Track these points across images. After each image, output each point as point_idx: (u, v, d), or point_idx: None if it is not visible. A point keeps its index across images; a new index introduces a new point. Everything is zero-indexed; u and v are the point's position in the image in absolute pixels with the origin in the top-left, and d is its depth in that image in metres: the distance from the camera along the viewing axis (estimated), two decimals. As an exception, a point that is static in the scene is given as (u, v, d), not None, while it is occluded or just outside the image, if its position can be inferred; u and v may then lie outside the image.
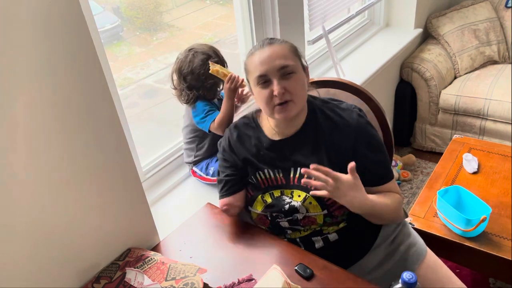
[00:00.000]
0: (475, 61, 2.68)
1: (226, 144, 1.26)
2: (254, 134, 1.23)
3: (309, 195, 1.15)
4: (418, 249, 1.28)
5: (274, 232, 1.25)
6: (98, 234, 1.09)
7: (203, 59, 1.41)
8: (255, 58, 1.12)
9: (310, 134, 1.18)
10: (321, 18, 2.04)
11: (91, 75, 0.96)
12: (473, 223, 1.41)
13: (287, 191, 1.19)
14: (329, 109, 1.20)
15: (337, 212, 1.17)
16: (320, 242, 1.22)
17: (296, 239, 1.24)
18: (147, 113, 1.83)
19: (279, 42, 1.14)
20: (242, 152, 1.23)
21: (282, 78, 1.10)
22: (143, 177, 1.52)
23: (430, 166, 2.68)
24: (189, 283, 0.99)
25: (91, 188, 1.04)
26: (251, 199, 1.23)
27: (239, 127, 1.26)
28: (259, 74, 1.10)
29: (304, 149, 1.18)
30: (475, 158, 1.80)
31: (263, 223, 1.25)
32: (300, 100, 1.13)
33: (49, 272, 1.00)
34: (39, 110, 0.88)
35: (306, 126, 1.19)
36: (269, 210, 1.21)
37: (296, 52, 1.16)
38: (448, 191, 1.56)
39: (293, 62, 1.11)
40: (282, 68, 1.09)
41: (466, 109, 2.51)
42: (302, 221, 1.19)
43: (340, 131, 1.16)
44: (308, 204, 1.16)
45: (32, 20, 0.82)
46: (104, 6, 1.56)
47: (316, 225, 1.19)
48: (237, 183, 1.25)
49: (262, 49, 1.12)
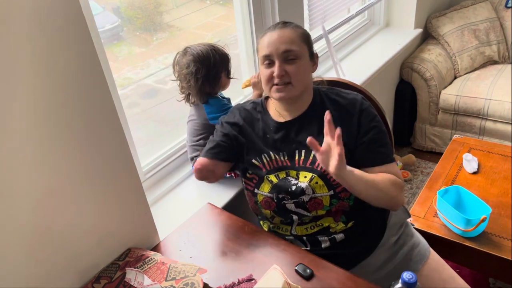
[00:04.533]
0: (475, 61, 2.69)
1: (233, 120, 1.29)
2: (261, 118, 1.28)
3: (315, 175, 1.18)
4: (422, 249, 1.28)
5: (279, 218, 1.25)
6: (98, 234, 1.09)
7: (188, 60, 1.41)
8: (265, 39, 1.20)
9: (316, 115, 1.22)
10: (321, 18, 2.04)
11: (91, 75, 0.96)
12: (473, 223, 1.41)
13: (293, 172, 1.21)
14: (334, 94, 1.26)
15: (342, 194, 1.18)
16: (327, 243, 1.22)
17: (303, 237, 1.24)
18: (147, 113, 1.82)
19: (291, 26, 1.20)
20: (249, 132, 1.27)
21: (285, 61, 1.17)
22: (143, 177, 1.52)
23: (430, 166, 2.68)
24: (189, 283, 0.99)
25: (91, 188, 1.04)
26: (257, 182, 1.25)
27: (248, 109, 1.31)
28: (264, 54, 1.18)
29: (310, 130, 1.22)
30: (475, 158, 1.80)
31: (268, 207, 1.24)
32: (299, 84, 1.18)
33: (49, 272, 1.00)
34: (38, 111, 0.88)
35: (312, 107, 1.24)
36: (276, 191, 1.21)
37: (307, 39, 1.21)
38: (448, 191, 1.56)
39: (298, 48, 1.17)
40: (286, 52, 1.16)
41: (466, 109, 2.51)
42: (308, 203, 1.19)
43: (345, 111, 1.21)
44: (314, 184, 1.18)
45: (32, 20, 0.82)
46: (104, 6, 1.56)
47: (323, 208, 1.19)
48: (226, 152, 1.27)
49: (273, 31, 1.19)
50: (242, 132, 1.28)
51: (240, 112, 1.31)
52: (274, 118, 1.26)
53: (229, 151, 1.28)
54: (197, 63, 1.40)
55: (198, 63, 1.40)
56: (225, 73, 1.48)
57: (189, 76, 1.42)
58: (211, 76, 1.43)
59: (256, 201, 1.26)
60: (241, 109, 1.32)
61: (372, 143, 1.19)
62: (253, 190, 1.26)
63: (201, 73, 1.41)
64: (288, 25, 1.20)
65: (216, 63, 1.43)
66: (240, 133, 1.28)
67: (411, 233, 1.32)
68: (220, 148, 1.27)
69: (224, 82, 1.50)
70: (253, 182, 1.26)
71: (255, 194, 1.26)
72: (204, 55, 1.41)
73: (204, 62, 1.41)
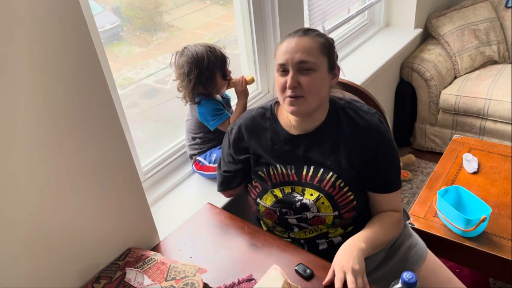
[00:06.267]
0: (475, 61, 2.68)
1: (236, 136, 1.25)
2: (270, 127, 1.22)
3: (322, 195, 1.15)
4: (419, 250, 1.28)
5: (280, 228, 1.25)
6: (98, 234, 1.09)
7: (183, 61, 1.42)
8: (282, 46, 1.12)
9: (330, 132, 1.17)
10: (321, 18, 2.04)
11: (91, 75, 0.96)
12: (473, 223, 1.41)
13: (298, 188, 1.18)
14: (351, 110, 1.19)
15: (346, 215, 1.17)
16: (325, 245, 1.23)
17: (300, 240, 1.24)
18: (147, 113, 1.83)
19: (312, 35, 1.12)
20: (255, 145, 1.22)
21: (299, 72, 1.09)
22: (143, 177, 1.52)
23: (430, 166, 2.68)
24: (189, 283, 0.99)
25: (91, 188, 1.04)
26: (260, 192, 1.22)
27: (255, 118, 1.24)
28: (279, 62, 1.11)
29: (322, 147, 1.17)
30: (475, 158, 1.80)
31: (270, 218, 1.24)
32: (313, 98, 1.10)
33: (49, 272, 1.00)
34: (38, 110, 0.88)
35: (327, 123, 1.18)
36: (279, 206, 1.20)
37: (326, 49, 1.12)
38: (448, 191, 1.56)
39: (315, 59, 1.08)
40: (301, 63, 1.08)
41: (466, 109, 2.51)
42: (311, 220, 1.18)
43: (361, 132, 1.15)
44: (320, 204, 1.16)
45: (31, 20, 0.82)
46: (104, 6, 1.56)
47: (324, 225, 1.19)
48: (236, 178, 1.29)
49: (291, 38, 1.11)
50: (247, 150, 1.24)
51: (246, 123, 1.24)
52: (285, 128, 1.20)
53: (239, 175, 1.28)
54: (190, 64, 1.41)
55: (191, 64, 1.41)
56: (220, 75, 1.46)
57: (182, 76, 1.43)
58: (204, 77, 1.42)
59: (258, 209, 1.25)
60: (246, 119, 1.25)
61: (383, 171, 1.16)
62: (255, 199, 1.25)
63: (194, 74, 1.41)
64: (309, 33, 1.12)
65: (210, 65, 1.41)
66: (245, 151, 1.24)
67: (408, 233, 1.33)
68: (228, 179, 1.31)
69: (220, 84, 1.48)
70: (256, 190, 1.24)
71: (257, 203, 1.24)
72: (198, 56, 1.40)
73: (197, 63, 1.40)
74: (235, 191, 1.35)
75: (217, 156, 1.50)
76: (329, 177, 1.15)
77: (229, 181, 1.31)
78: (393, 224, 1.19)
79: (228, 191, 1.36)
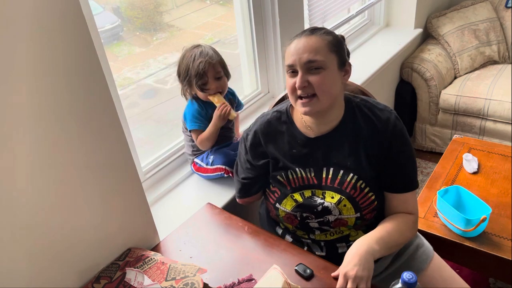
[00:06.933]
0: (475, 61, 2.68)
1: (252, 141, 1.22)
2: (287, 130, 1.19)
3: (344, 198, 1.13)
4: (426, 249, 1.28)
5: (301, 231, 1.24)
6: (98, 234, 1.09)
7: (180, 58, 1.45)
8: (291, 46, 1.10)
9: (348, 132, 1.15)
10: (321, 18, 2.04)
11: (91, 75, 0.96)
12: (473, 223, 1.41)
13: (319, 191, 1.17)
14: (367, 108, 1.16)
15: (368, 216, 1.17)
16: (345, 248, 1.21)
17: (321, 242, 1.23)
18: (147, 113, 1.83)
19: (320, 33, 1.09)
20: (272, 149, 1.20)
21: (308, 72, 1.07)
22: (143, 177, 1.52)
23: (430, 166, 2.68)
24: (189, 283, 0.99)
25: (91, 188, 1.04)
26: (280, 197, 1.21)
27: (270, 123, 1.21)
28: (288, 64, 1.10)
29: (341, 148, 1.15)
30: (475, 158, 1.80)
31: (291, 222, 1.23)
32: (325, 96, 1.08)
33: (49, 272, 1.00)
34: (38, 111, 0.88)
35: (344, 124, 1.15)
36: (300, 210, 1.18)
37: (335, 47, 1.10)
38: (448, 191, 1.56)
39: (324, 58, 1.06)
40: (309, 62, 1.06)
41: (466, 109, 2.51)
42: (333, 222, 1.17)
43: (378, 131, 1.13)
44: (342, 207, 1.15)
45: (31, 20, 0.82)
46: (104, 6, 1.56)
47: (346, 227, 1.18)
48: (253, 185, 1.27)
49: (299, 38, 1.10)
50: (265, 155, 1.21)
51: (261, 128, 1.21)
52: (301, 130, 1.17)
53: (257, 182, 1.27)
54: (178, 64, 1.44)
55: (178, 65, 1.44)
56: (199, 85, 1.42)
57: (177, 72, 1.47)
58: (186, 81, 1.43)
59: (278, 214, 1.24)
60: (262, 124, 1.22)
61: (399, 169, 1.15)
62: (274, 204, 1.23)
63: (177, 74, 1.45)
64: (316, 32, 1.10)
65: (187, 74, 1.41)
66: (264, 156, 1.22)
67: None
68: (247, 186, 1.29)
69: (199, 93, 1.45)
70: (275, 195, 1.22)
71: (276, 208, 1.23)
72: (183, 60, 1.42)
73: (179, 66, 1.44)
74: (254, 198, 1.32)
75: (214, 158, 1.50)
76: (349, 179, 1.14)
77: (248, 187, 1.29)
78: (408, 226, 1.16)
79: (246, 198, 1.33)
